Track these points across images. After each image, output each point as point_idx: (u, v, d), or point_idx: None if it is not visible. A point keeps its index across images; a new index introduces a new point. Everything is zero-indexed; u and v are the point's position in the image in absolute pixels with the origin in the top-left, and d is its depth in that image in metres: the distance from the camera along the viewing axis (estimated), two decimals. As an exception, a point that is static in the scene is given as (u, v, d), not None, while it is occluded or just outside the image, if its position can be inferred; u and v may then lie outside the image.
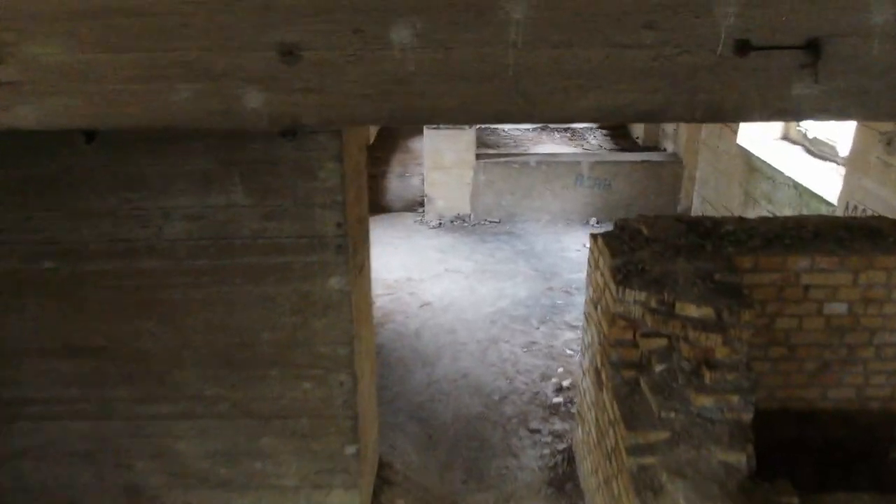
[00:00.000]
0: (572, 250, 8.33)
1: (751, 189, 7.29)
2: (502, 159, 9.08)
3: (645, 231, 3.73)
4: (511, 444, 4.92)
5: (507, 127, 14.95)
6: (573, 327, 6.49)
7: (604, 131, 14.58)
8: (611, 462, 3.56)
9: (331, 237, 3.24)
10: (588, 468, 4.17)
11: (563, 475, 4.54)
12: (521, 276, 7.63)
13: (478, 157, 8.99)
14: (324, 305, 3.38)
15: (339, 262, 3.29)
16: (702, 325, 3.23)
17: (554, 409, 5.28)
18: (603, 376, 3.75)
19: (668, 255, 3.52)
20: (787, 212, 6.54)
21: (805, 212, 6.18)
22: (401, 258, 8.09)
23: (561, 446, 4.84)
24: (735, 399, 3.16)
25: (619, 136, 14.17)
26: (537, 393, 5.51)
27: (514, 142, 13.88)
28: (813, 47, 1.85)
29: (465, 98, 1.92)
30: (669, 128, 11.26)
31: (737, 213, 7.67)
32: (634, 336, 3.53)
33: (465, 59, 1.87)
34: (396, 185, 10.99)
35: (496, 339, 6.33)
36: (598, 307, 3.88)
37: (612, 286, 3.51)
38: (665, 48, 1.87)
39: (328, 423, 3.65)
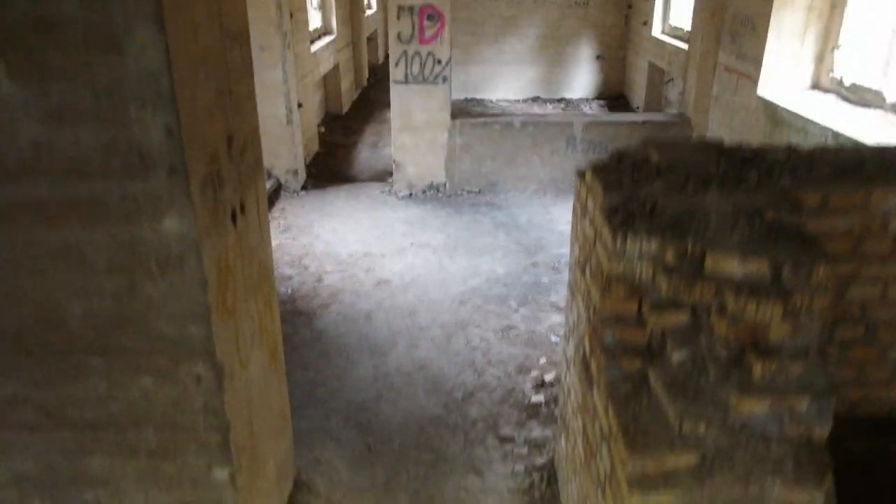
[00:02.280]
0: (562, 222, 7.13)
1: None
2: (481, 120, 7.86)
3: (655, 158, 2.54)
4: (475, 458, 3.74)
5: (494, 97, 13.76)
6: (560, 309, 5.31)
7: (601, 101, 13.42)
8: (603, 494, 2.38)
9: (158, 151, 2.04)
10: (574, 494, 2.99)
11: (541, 500, 3.36)
12: (500, 251, 6.44)
13: (453, 116, 7.78)
14: (159, 261, 2.19)
15: (175, 191, 2.09)
16: (749, 288, 2.04)
17: (533, 411, 4.10)
18: (593, 369, 2.56)
19: (691, 188, 2.33)
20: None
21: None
22: (360, 233, 6.89)
23: (540, 460, 3.66)
24: (803, 404, 1.98)
25: (618, 106, 12.99)
26: (512, 390, 4.32)
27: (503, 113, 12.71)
28: None
29: None
30: (674, 94, 10.08)
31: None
32: (640, 308, 2.35)
33: None
34: (367, 156, 9.80)
35: (465, 322, 5.14)
36: (587, 270, 2.70)
37: (607, 234, 2.32)
38: None
39: (184, 437, 2.47)
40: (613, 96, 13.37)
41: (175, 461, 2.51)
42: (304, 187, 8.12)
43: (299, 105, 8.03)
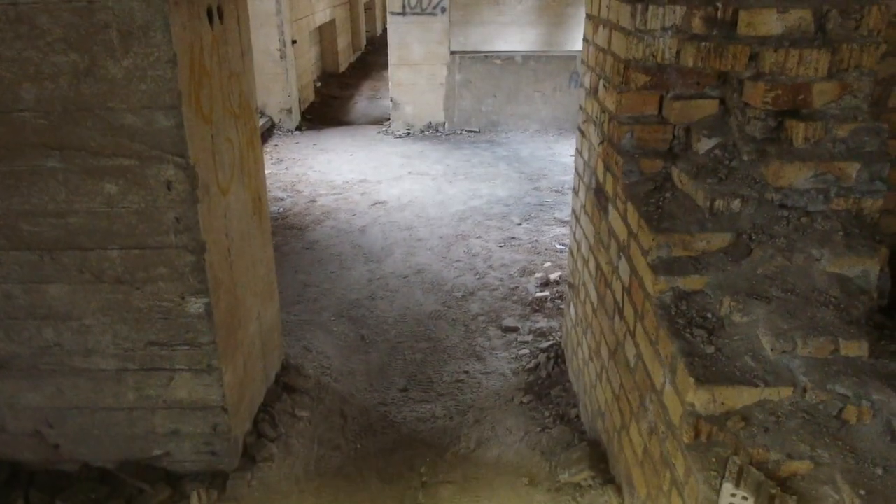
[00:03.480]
0: (565, 155, 6.88)
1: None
2: (482, 54, 7.60)
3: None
4: (475, 346, 3.49)
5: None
6: (565, 223, 5.06)
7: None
8: (621, 315, 2.14)
9: None
10: (583, 356, 2.74)
11: (547, 378, 3.12)
12: (501, 178, 6.19)
13: (453, 53, 7.52)
14: (122, 32, 1.93)
15: (137, -61, 1.83)
16: (789, 43, 1.79)
17: (537, 305, 3.85)
18: (608, 187, 2.31)
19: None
20: None
21: None
22: (355, 164, 6.64)
23: (545, 344, 3.41)
24: (852, 171, 1.73)
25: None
26: (515, 288, 4.07)
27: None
28: None
29: None
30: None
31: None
32: (661, 108, 2.10)
33: None
34: (364, 105, 9.55)
35: (465, 235, 4.89)
36: (600, 87, 2.45)
37: (625, 12, 2.07)
38: None
39: (154, 259, 2.21)
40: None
41: (144, 290, 2.26)
42: (298, 128, 7.86)
43: (293, 41, 7.77)
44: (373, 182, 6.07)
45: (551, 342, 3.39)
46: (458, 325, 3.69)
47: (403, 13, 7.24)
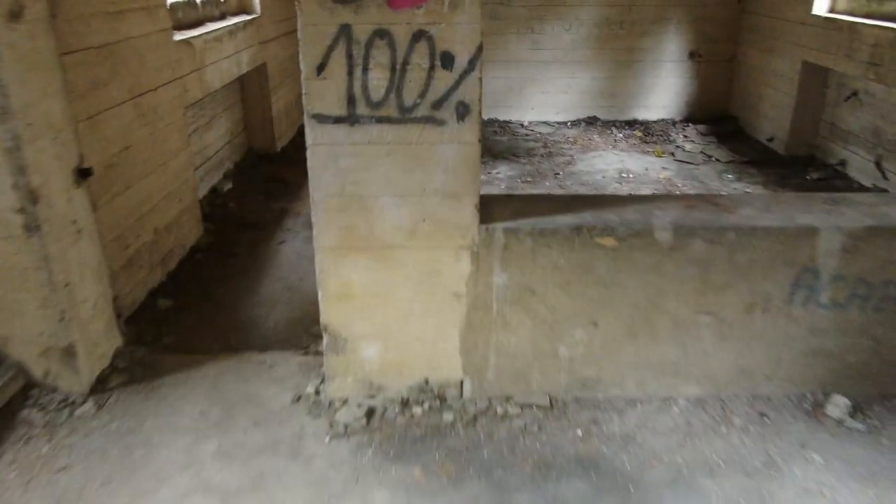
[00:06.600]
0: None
1: None
2: (563, 221, 2.90)
3: None
4: None
5: (527, 119, 8.87)
6: None
7: (698, 125, 8.55)
8: None
9: None
10: None
11: None
12: None
13: (490, 215, 2.84)
14: None
15: None
16: None
17: None
18: None
19: None
20: None
21: None
22: None
23: None
24: None
25: (727, 134, 8.17)
26: None
27: (545, 147, 7.82)
28: None
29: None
30: (867, 118, 5.20)
31: None
32: None
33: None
34: (295, 257, 4.89)
35: None
36: None
37: None
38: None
39: None
40: (716, 117, 8.46)
41: None
42: (98, 388, 3.18)
43: (84, 172, 3.10)
44: None
45: None
46: None
47: (351, 120, 2.57)
